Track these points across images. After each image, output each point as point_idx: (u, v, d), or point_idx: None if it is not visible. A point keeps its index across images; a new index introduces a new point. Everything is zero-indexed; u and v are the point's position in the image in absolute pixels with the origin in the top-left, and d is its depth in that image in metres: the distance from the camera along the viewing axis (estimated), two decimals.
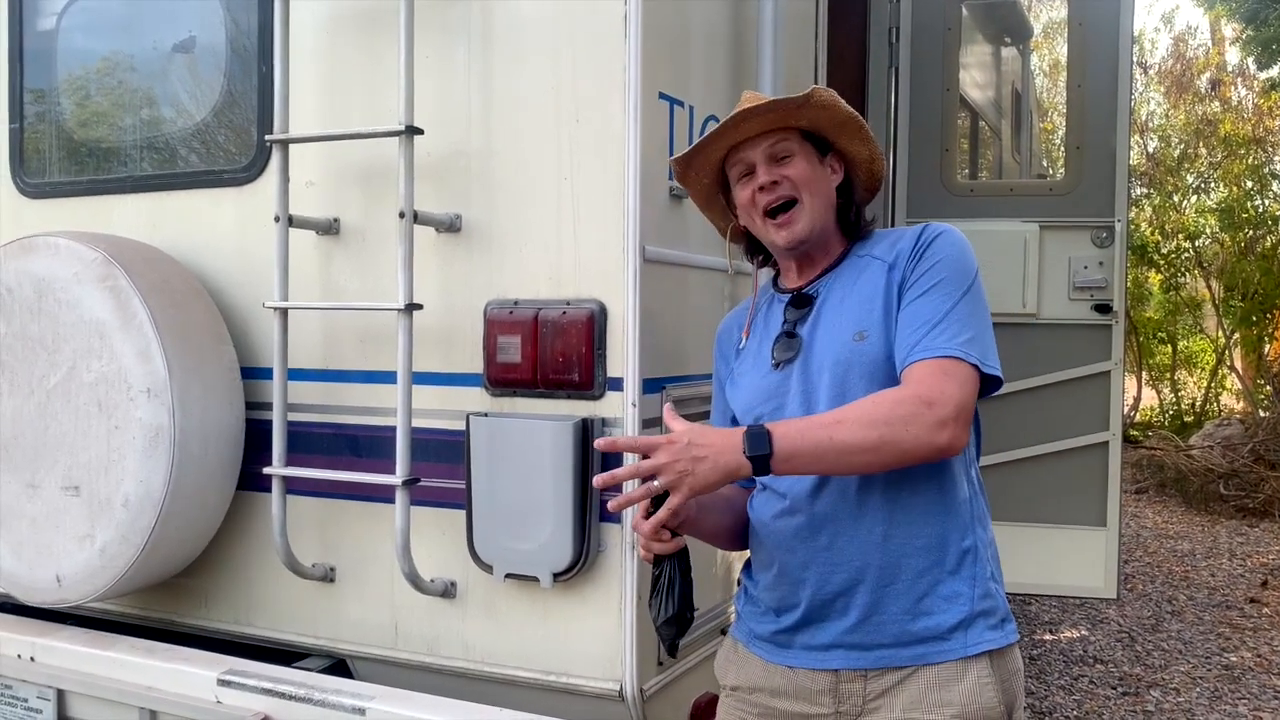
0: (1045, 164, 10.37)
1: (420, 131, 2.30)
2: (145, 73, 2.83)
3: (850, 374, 1.76)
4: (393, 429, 2.31)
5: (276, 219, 2.43)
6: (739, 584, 2.00)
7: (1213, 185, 12.29)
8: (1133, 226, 10.79)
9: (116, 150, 2.88)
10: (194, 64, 2.77)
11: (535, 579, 2.27)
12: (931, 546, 1.76)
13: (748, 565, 1.97)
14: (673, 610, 1.75)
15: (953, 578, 1.75)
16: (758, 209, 1.86)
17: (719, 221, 2.06)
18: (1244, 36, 10.84)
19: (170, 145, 2.81)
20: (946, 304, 1.72)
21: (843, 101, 1.84)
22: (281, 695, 2.27)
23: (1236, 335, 11.27)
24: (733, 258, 2.08)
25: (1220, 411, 11.90)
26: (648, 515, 1.69)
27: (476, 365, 2.37)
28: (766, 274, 2.07)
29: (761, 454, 1.62)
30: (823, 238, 1.89)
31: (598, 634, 2.27)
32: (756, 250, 2.01)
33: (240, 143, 2.71)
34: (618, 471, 1.72)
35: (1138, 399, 12.06)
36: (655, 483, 1.62)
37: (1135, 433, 10.89)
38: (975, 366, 1.69)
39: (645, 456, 1.65)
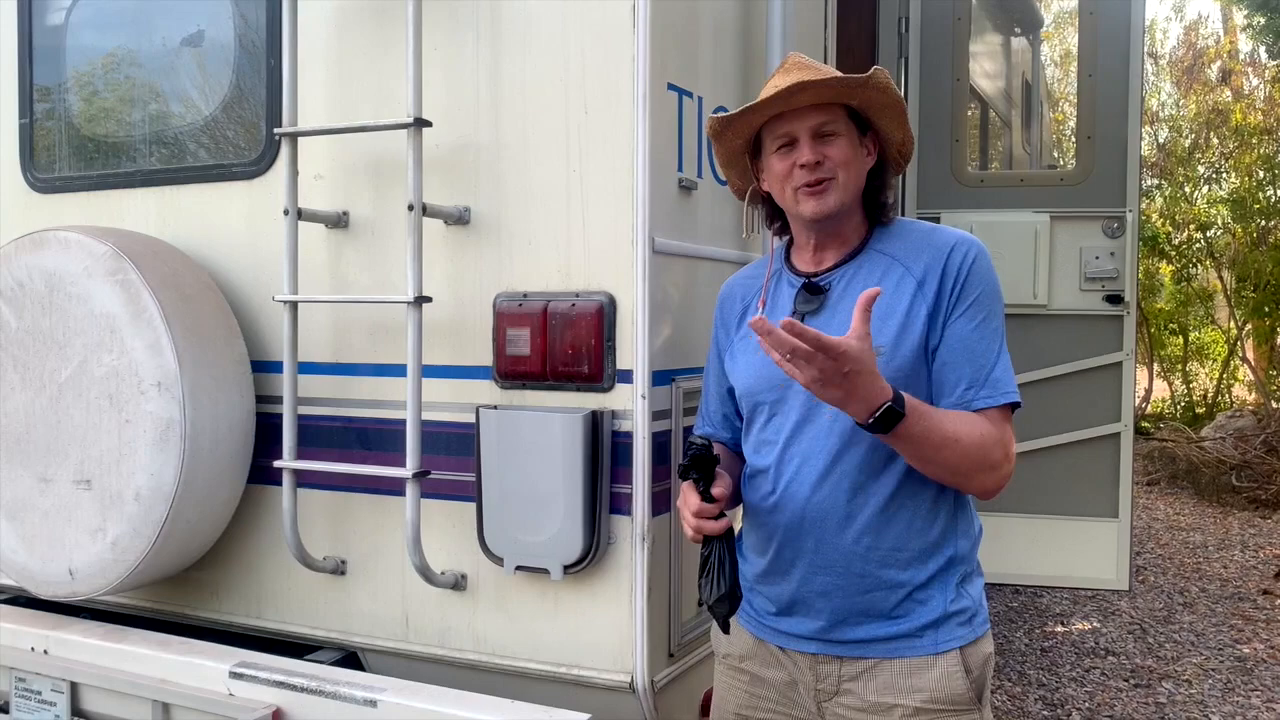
0: (1056, 154, 10.34)
1: (429, 124, 2.30)
2: (154, 68, 2.83)
3: None
4: (403, 422, 2.31)
5: (285, 212, 2.44)
6: None
7: (1224, 175, 12.22)
8: (1144, 217, 10.74)
9: (126, 145, 2.88)
10: (202, 58, 2.77)
11: (545, 571, 2.28)
12: (913, 559, 1.81)
13: (740, 545, 2.01)
14: (725, 588, 1.78)
15: (929, 585, 1.82)
16: (793, 182, 1.84)
17: (737, 182, 2.04)
18: (1255, 25, 10.76)
19: (179, 140, 2.81)
20: (996, 341, 1.79)
21: (894, 84, 1.85)
22: (293, 688, 2.27)
23: (1248, 326, 11.20)
24: (749, 225, 2.07)
25: (1232, 403, 11.84)
26: (701, 495, 1.74)
27: (486, 358, 2.37)
28: (780, 242, 2.06)
29: (891, 423, 1.63)
30: (847, 216, 1.88)
31: (608, 626, 2.27)
32: (775, 216, 1.99)
33: (249, 137, 2.71)
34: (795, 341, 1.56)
35: (1149, 390, 12.00)
36: (801, 377, 1.59)
37: (1146, 424, 10.84)
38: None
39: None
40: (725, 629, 1.85)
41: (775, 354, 1.58)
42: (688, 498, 1.77)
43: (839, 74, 1.84)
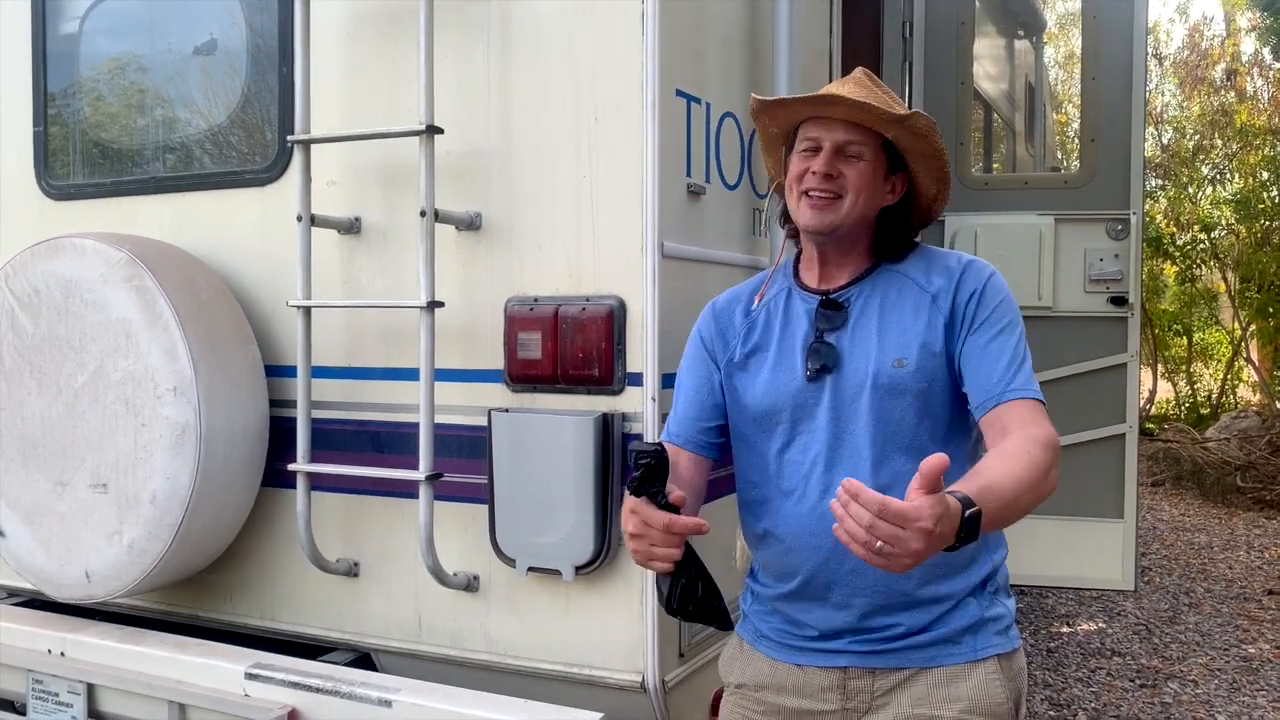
0: (1060, 156, 10.35)
1: (440, 131, 2.33)
2: (167, 75, 2.86)
3: (888, 399, 1.76)
4: (415, 425, 2.34)
5: (299, 218, 2.47)
6: (745, 586, 2.00)
7: (1228, 176, 12.23)
8: (1148, 218, 10.75)
9: (139, 152, 2.91)
10: (215, 66, 2.79)
11: (557, 572, 2.30)
12: (953, 574, 1.78)
13: (755, 573, 1.96)
14: (721, 617, 1.76)
15: (967, 597, 1.79)
16: (802, 186, 1.83)
17: (771, 169, 2.03)
18: (1260, 26, 10.76)
19: (192, 146, 2.84)
20: (1022, 346, 1.78)
21: (938, 135, 1.82)
22: (309, 688, 2.29)
23: (1252, 327, 11.20)
24: (767, 217, 2.05)
25: (1236, 403, 11.85)
26: (658, 504, 1.62)
27: (497, 361, 2.40)
28: (790, 250, 2.03)
29: (976, 525, 1.50)
30: (845, 242, 1.86)
31: (619, 626, 2.29)
32: (789, 218, 1.95)
33: (262, 143, 2.74)
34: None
35: (1153, 391, 11.99)
36: (877, 548, 1.42)
37: (1151, 425, 10.84)
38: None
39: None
40: (731, 625, 1.82)
41: (855, 545, 1.42)
42: (650, 515, 1.61)
43: (887, 100, 1.81)
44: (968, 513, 1.48)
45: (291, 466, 2.50)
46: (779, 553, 1.85)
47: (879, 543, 1.39)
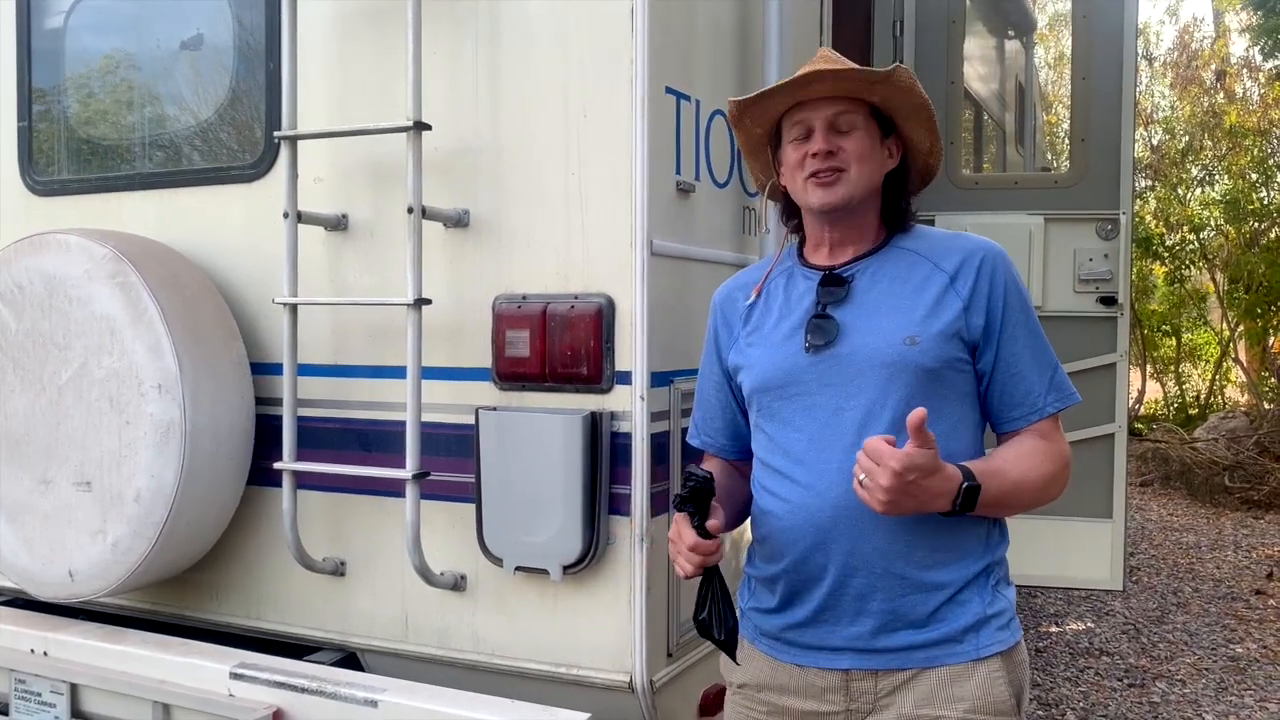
0: (1050, 156, 10.37)
1: (428, 127, 2.32)
2: (153, 71, 2.84)
3: (897, 379, 1.73)
4: (402, 423, 2.32)
5: (285, 215, 2.45)
6: (744, 578, 1.98)
7: (1218, 177, 12.27)
8: (1137, 219, 10.78)
9: (125, 148, 2.89)
10: (202, 62, 2.78)
11: (545, 571, 2.29)
12: (954, 561, 1.75)
13: (751, 557, 1.94)
14: (732, 621, 1.78)
15: (969, 588, 1.76)
16: (804, 171, 1.81)
17: (759, 175, 2.01)
18: (1251, 26, 10.79)
19: (178, 143, 2.82)
20: (1046, 343, 1.86)
21: (920, 86, 1.82)
22: (294, 688, 2.28)
23: (1241, 328, 11.25)
24: (764, 220, 2.05)
25: (1225, 404, 11.89)
26: (696, 530, 1.71)
27: (485, 360, 2.38)
28: (792, 240, 2.01)
29: (973, 500, 1.67)
30: (858, 214, 1.84)
31: (607, 626, 2.28)
32: (792, 214, 1.95)
33: (249, 140, 2.72)
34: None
35: (1142, 392, 12.04)
36: (863, 479, 1.62)
37: (1140, 425, 10.86)
38: None
39: None
40: (735, 658, 1.83)
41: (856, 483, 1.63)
42: (682, 531, 1.72)
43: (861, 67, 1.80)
44: (966, 484, 1.65)
45: (277, 465, 2.49)
46: (773, 531, 1.82)
47: (861, 474, 1.61)
